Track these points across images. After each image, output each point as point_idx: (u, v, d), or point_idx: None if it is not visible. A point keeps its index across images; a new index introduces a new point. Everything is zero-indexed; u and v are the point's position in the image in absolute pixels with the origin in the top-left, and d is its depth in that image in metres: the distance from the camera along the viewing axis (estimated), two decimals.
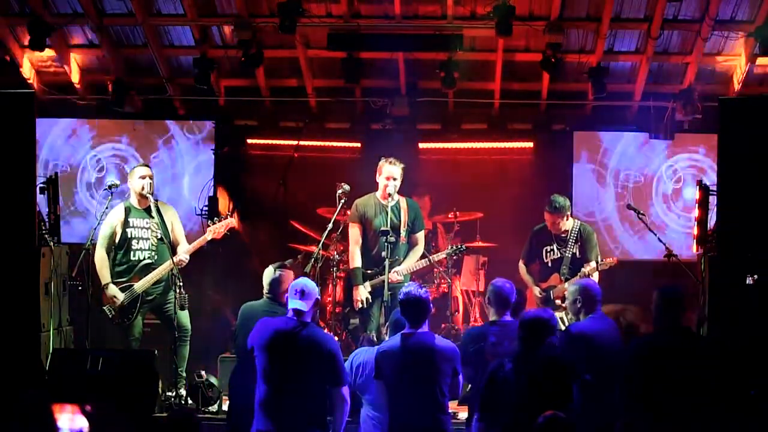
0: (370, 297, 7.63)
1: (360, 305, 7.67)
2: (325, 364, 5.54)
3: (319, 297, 5.82)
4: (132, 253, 7.59)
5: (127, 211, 7.63)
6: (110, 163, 10.29)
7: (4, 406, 5.43)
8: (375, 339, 6.60)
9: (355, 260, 7.73)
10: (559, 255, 7.79)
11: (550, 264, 7.85)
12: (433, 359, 5.58)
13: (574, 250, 7.76)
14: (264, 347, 5.58)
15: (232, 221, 7.68)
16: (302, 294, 5.64)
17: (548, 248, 7.86)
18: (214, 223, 7.65)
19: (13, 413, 4.85)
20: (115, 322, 7.56)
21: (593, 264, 7.61)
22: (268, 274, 6.40)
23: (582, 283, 6.47)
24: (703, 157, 10.09)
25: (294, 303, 5.63)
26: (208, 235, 7.63)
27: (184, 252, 7.55)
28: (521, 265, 8.02)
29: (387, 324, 6.42)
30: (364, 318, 7.74)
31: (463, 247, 8.25)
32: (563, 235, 7.80)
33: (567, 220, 7.82)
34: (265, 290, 6.42)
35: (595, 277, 7.53)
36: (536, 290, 7.86)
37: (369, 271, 7.70)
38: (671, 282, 6.88)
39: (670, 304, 5.69)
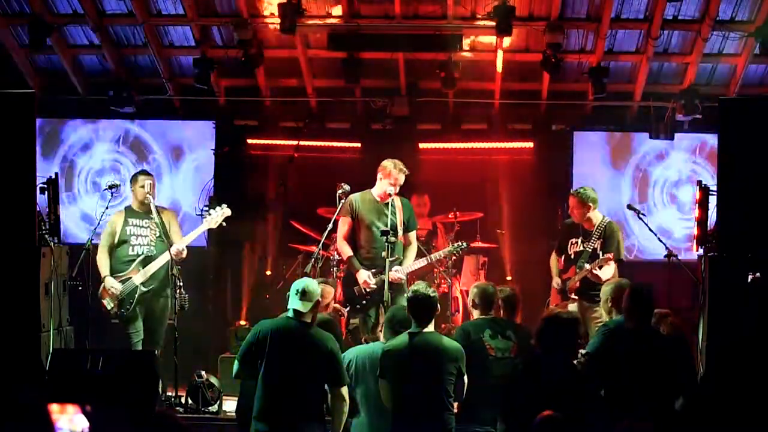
0: (372, 279, 7.53)
1: (367, 289, 7.52)
2: (324, 365, 5.54)
3: (321, 298, 5.81)
4: (131, 248, 7.73)
5: (127, 212, 7.82)
6: (109, 163, 10.29)
7: (4, 405, 5.43)
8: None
9: (345, 252, 7.65)
10: (581, 248, 7.78)
11: (572, 256, 7.85)
12: (440, 359, 5.59)
13: (596, 246, 7.73)
14: (263, 348, 5.58)
15: (227, 211, 7.72)
16: (303, 294, 5.63)
17: (573, 240, 7.86)
18: (210, 214, 7.73)
19: (10, 410, 4.84)
20: (115, 312, 7.60)
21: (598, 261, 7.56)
22: None
23: (617, 283, 6.49)
24: (702, 158, 10.08)
25: (294, 303, 5.64)
26: (205, 225, 7.72)
27: (181, 244, 7.60)
28: (553, 255, 8.09)
29: (383, 322, 6.39)
30: (364, 318, 7.70)
31: (464, 244, 8.16)
32: (590, 230, 7.79)
33: (590, 212, 7.77)
34: None
35: (609, 272, 7.46)
36: (556, 281, 7.91)
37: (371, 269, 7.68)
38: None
39: (640, 303, 5.75)
